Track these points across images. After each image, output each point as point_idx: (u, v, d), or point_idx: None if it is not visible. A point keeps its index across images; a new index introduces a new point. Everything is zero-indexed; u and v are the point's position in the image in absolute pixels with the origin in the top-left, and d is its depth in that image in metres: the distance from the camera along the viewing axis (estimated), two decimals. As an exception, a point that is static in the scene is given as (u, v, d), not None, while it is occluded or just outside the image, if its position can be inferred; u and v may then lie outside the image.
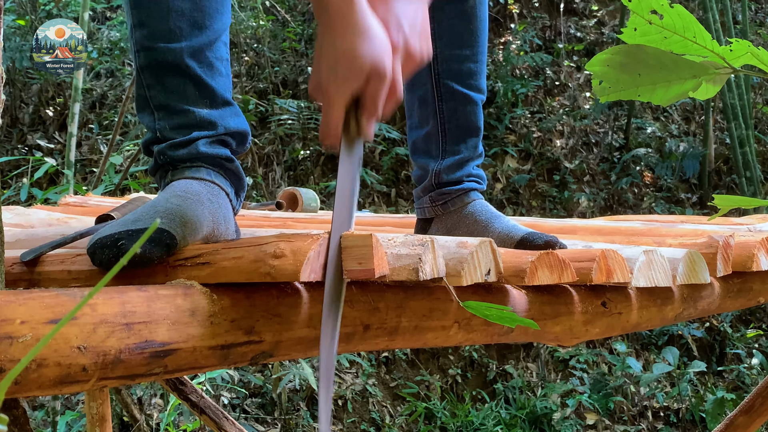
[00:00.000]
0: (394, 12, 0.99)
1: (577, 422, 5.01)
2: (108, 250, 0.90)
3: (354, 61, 0.94)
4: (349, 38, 0.94)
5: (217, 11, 1.16)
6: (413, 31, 1.01)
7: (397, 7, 1.00)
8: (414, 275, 0.88)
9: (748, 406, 2.25)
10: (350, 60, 0.94)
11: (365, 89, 0.96)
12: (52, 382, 0.67)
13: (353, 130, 0.98)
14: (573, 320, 1.21)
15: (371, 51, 0.94)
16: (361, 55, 0.94)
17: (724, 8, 6.05)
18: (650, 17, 0.82)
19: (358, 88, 0.95)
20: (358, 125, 0.98)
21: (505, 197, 6.50)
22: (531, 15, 7.77)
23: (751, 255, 1.42)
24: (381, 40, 0.96)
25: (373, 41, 0.95)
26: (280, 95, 6.72)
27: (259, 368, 4.87)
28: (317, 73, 0.96)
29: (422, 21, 1.03)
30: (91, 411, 2.43)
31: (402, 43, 0.99)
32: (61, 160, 4.81)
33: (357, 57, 0.94)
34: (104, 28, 6.98)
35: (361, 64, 0.94)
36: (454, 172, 1.47)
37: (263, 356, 0.85)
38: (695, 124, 7.18)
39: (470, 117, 1.48)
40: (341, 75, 0.94)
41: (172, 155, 1.12)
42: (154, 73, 1.14)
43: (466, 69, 1.46)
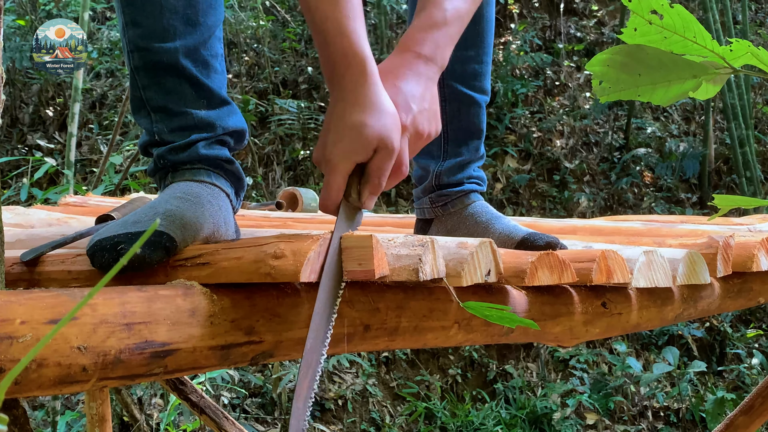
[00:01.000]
0: (402, 92, 1.02)
1: (577, 422, 5.01)
2: (107, 253, 0.90)
3: (363, 133, 0.95)
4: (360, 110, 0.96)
5: (210, 6, 1.16)
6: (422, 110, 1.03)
7: (405, 88, 1.02)
8: (414, 276, 0.88)
9: (748, 406, 2.24)
10: (358, 131, 0.95)
11: (371, 163, 0.97)
12: (52, 382, 0.67)
13: (354, 201, 0.99)
14: (573, 321, 1.21)
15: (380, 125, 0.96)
16: (371, 128, 0.95)
17: (724, 8, 6.05)
18: (650, 17, 0.82)
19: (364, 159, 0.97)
20: (359, 197, 0.98)
21: (505, 197, 6.50)
22: (531, 15, 7.77)
23: (751, 255, 1.42)
24: (391, 115, 0.98)
25: (383, 116, 0.96)
26: (280, 95, 6.72)
27: (259, 368, 4.87)
28: (323, 143, 0.98)
29: (431, 100, 1.06)
30: (91, 411, 2.43)
31: (410, 123, 1.01)
32: (61, 160, 4.81)
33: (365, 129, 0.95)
34: (104, 28, 6.98)
35: (369, 136, 0.95)
36: (455, 174, 1.46)
37: (263, 356, 0.85)
38: (695, 124, 7.18)
39: (473, 119, 1.47)
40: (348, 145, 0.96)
41: (172, 159, 1.12)
42: (150, 74, 1.14)
43: (470, 70, 1.45)
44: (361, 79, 0.96)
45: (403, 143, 1.00)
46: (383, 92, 0.98)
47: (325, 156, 0.97)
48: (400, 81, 1.03)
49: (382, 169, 0.97)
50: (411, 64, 1.06)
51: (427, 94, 1.05)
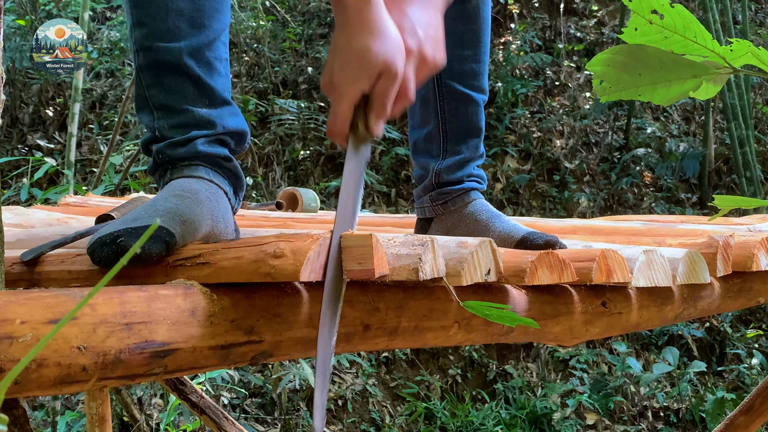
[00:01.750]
0: (409, 18, 1.01)
1: (577, 422, 5.01)
2: (107, 247, 0.90)
3: (366, 59, 0.95)
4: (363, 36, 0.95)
5: (217, 11, 1.17)
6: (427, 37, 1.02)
7: (412, 13, 1.02)
8: (414, 275, 0.88)
9: (748, 406, 2.24)
10: (363, 57, 0.95)
11: (375, 87, 0.97)
12: (52, 382, 0.67)
13: (361, 129, 0.99)
14: (573, 320, 1.21)
15: (384, 50, 0.95)
16: (374, 53, 0.95)
17: (724, 8, 6.05)
18: (651, 17, 0.82)
19: (369, 85, 0.96)
20: (366, 124, 0.98)
21: (505, 197, 6.50)
22: (531, 15, 7.77)
23: (751, 255, 1.42)
24: (395, 40, 0.97)
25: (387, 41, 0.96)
26: (280, 95, 6.72)
27: (259, 368, 4.87)
28: (330, 69, 0.98)
29: (436, 28, 1.05)
30: (91, 411, 2.43)
31: (416, 48, 1.00)
32: (61, 160, 4.81)
33: (370, 55, 0.95)
34: (104, 28, 6.99)
35: (373, 61, 0.95)
36: (455, 172, 1.47)
37: (263, 356, 0.85)
38: (695, 124, 7.18)
39: (472, 117, 1.48)
40: (353, 71, 0.95)
41: (170, 154, 1.13)
42: (153, 73, 1.14)
43: (468, 69, 1.46)
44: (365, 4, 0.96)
45: (408, 68, 0.99)
46: (387, 16, 0.98)
47: (333, 82, 0.97)
48: (407, 6, 1.02)
49: (387, 93, 0.97)
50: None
51: (433, 21, 1.04)
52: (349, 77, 0.96)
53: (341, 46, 0.97)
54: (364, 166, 0.99)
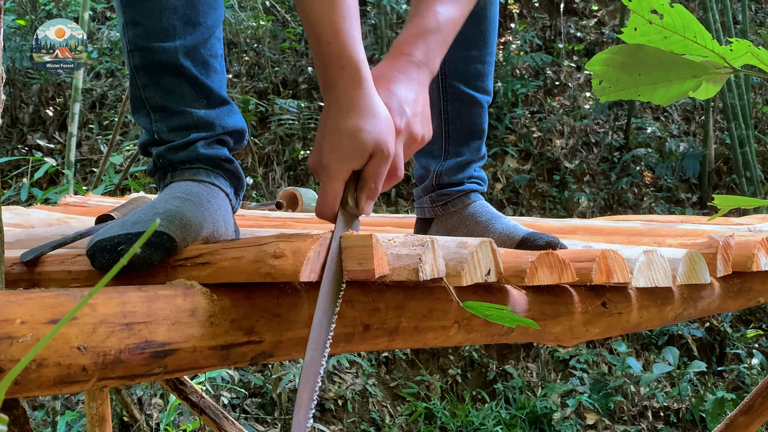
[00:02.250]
0: (396, 96, 1.02)
1: (577, 422, 5.00)
2: (107, 254, 0.90)
3: (358, 140, 0.95)
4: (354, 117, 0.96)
5: (210, 7, 1.16)
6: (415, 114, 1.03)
7: (398, 92, 1.03)
8: (414, 275, 0.88)
9: (748, 406, 2.24)
10: (354, 137, 0.95)
11: (367, 168, 0.97)
12: (52, 382, 0.67)
13: (351, 207, 0.99)
14: (573, 320, 1.21)
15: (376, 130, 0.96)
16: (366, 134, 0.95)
17: (724, 8, 6.05)
18: (650, 17, 0.82)
19: (360, 165, 0.97)
20: (356, 202, 0.99)
21: (505, 197, 6.50)
22: (531, 15, 7.77)
23: (751, 255, 1.42)
24: (385, 120, 0.98)
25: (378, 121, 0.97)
26: (280, 95, 6.72)
27: (259, 368, 4.87)
28: (319, 149, 0.98)
29: (423, 104, 1.06)
30: (91, 411, 2.43)
31: (404, 126, 1.01)
32: (61, 160, 4.81)
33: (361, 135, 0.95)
34: (104, 28, 6.98)
35: (365, 142, 0.95)
36: (456, 173, 1.46)
37: (263, 356, 0.85)
38: (695, 124, 7.18)
39: (475, 119, 1.47)
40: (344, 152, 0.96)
41: (171, 158, 1.12)
42: (150, 74, 1.14)
43: (473, 70, 1.45)
44: (356, 84, 0.97)
45: (397, 147, 1.00)
46: (377, 97, 0.99)
47: (322, 162, 0.97)
48: (393, 85, 1.03)
49: (378, 174, 0.97)
50: (404, 69, 1.06)
51: (419, 98, 1.05)
52: (340, 158, 0.96)
53: (331, 127, 0.97)
54: None
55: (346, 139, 0.95)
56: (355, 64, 0.97)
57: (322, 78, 0.99)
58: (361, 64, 0.98)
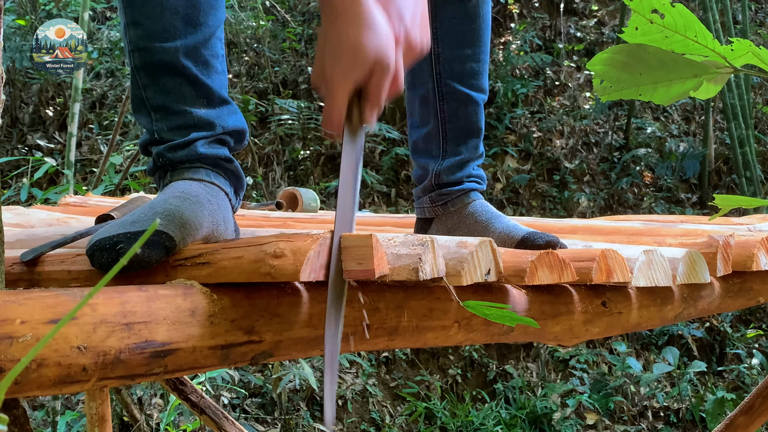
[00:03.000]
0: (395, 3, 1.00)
1: (577, 422, 5.00)
2: (107, 253, 0.90)
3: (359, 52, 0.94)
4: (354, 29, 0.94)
5: (212, 7, 1.16)
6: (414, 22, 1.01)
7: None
8: (414, 275, 0.88)
9: (748, 406, 2.24)
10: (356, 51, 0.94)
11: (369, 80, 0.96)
12: (52, 382, 0.67)
13: (356, 120, 0.99)
14: (573, 320, 1.21)
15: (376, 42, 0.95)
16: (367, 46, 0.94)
17: (724, 8, 6.05)
18: (651, 16, 0.82)
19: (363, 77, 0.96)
20: (360, 114, 0.98)
21: (505, 197, 6.50)
22: (531, 15, 7.77)
23: (751, 255, 1.41)
24: (386, 31, 0.96)
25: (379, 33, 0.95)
26: (280, 95, 6.72)
27: (259, 368, 4.87)
28: (321, 63, 0.97)
29: (422, 12, 1.04)
30: (91, 411, 2.43)
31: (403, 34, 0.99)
32: (61, 160, 4.81)
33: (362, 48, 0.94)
34: (104, 28, 6.98)
35: (366, 54, 0.94)
36: (455, 172, 1.46)
37: (263, 356, 0.85)
38: (695, 124, 7.18)
39: (471, 117, 1.48)
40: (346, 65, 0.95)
41: (171, 157, 1.12)
42: (150, 74, 1.14)
43: (468, 69, 1.46)
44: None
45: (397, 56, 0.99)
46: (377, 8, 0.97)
47: (325, 77, 0.96)
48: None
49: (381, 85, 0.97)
50: None
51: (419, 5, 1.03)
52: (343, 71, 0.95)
53: (331, 40, 0.96)
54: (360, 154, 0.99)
55: (347, 52, 0.95)
56: None
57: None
58: None
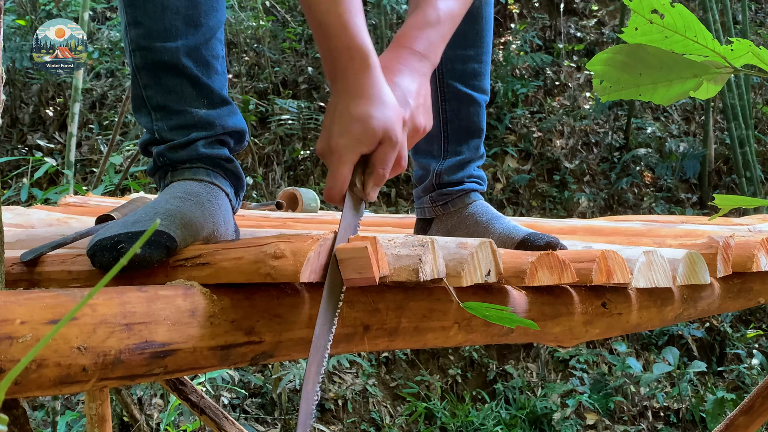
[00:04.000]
0: (399, 88, 1.04)
1: (577, 422, 5.00)
2: (108, 252, 0.90)
3: (368, 124, 0.96)
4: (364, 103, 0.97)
5: (212, 8, 1.16)
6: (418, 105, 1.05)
7: (402, 83, 1.04)
8: (414, 276, 0.88)
9: (748, 406, 2.24)
10: (364, 122, 0.96)
11: (375, 154, 0.98)
12: (52, 383, 0.67)
13: (358, 190, 1.00)
14: (573, 321, 1.21)
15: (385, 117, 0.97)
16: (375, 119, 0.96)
17: (724, 8, 6.05)
18: (651, 17, 0.82)
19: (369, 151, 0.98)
20: (363, 188, 1.00)
21: (505, 197, 6.50)
22: (531, 15, 7.77)
23: (751, 255, 1.41)
24: (394, 107, 0.99)
25: (387, 108, 0.98)
26: (280, 95, 6.72)
27: (259, 368, 4.87)
28: (328, 134, 0.98)
29: (425, 95, 1.08)
30: (91, 411, 2.43)
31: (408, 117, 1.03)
32: (61, 160, 4.81)
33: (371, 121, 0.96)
34: (104, 28, 6.98)
35: (375, 128, 0.96)
36: (456, 172, 1.46)
37: (263, 356, 0.85)
38: (695, 124, 7.18)
39: (473, 118, 1.48)
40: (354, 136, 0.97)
41: (171, 157, 1.12)
42: (151, 73, 1.14)
43: (470, 69, 1.46)
44: (365, 72, 0.98)
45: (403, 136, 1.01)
46: (385, 84, 1.00)
47: (331, 147, 0.98)
48: (397, 76, 1.05)
49: (386, 160, 0.99)
50: (406, 60, 1.08)
51: (422, 90, 1.07)
52: (350, 143, 0.97)
53: (341, 113, 0.98)
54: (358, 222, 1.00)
55: (356, 124, 0.97)
56: (364, 53, 0.98)
57: (330, 69, 1.00)
58: (370, 52, 0.99)
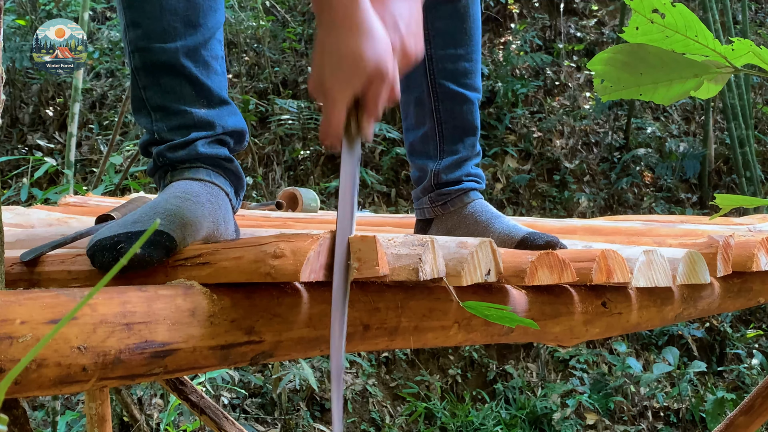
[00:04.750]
0: (390, 11, 1.00)
1: (577, 422, 5.00)
2: (108, 252, 0.90)
3: (359, 62, 0.94)
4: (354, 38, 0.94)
5: (211, 8, 1.16)
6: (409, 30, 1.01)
7: (393, 7, 1.00)
8: (414, 275, 0.88)
9: (748, 406, 2.24)
10: (355, 60, 0.94)
11: (367, 89, 0.96)
12: (52, 382, 0.67)
13: (353, 130, 0.98)
14: (573, 320, 1.21)
15: (375, 52, 0.95)
16: (366, 56, 0.94)
17: (724, 8, 6.05)
18: (652, 16, 0.82)
19: (362, 87, 0.96)
20: (358, 125, 0.98)
21: (505, 197, 6.50)
22: (531, 15, 7.77)
23: (751, 255, 1.41)
24: (384, 41, 0.96)
25: (377, 42, 0.95)
26: (280, 95, 6.72)
27: (259, 368, 4.87)
28: (318, 72, 0.96)
29: (417, 21, 1.04)
30: (91, 411, 2.43)
31: (398, 43, 0.99)
32: (61, 160, 4.81)
33: (362, 57, 0.94)
34: (104, 28, 6.98)
35: (365, 64, 0.94)
36: (453, 171, 1.46)
37: (263, 356, 0.85)
38: (695, 124, 7.18)
39: (467, 116, 1.48)
40: (345, 75, 0.94)
41: (171, 157, 1.12)
42: (150, 74, 1.14)
43: (461, 68, 1.46)
44: (353, 3, 0.94)
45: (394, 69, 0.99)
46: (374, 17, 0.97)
47: (324, 87, 0.96)
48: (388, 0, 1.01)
49: (379, 95, 0.97)
50: None
51: (414, 14, 1.03)
52: (342, 80, 0.95)
53: (330, 49, 0.95)
54: (358, 163, 0.99)
55: (347, 62, 0.94)
56: None
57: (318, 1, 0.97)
58: None
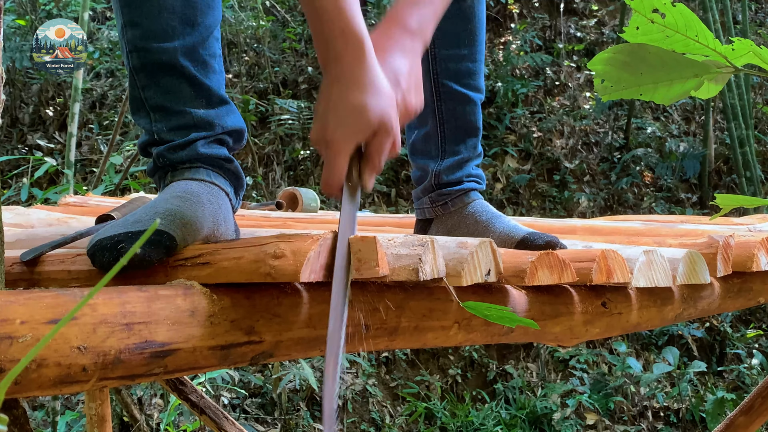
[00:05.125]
0: (391, 67, 1.02)
1: (577, 422, 5.00)
2: (108, 252, 0.90)
3: (364, 115, 0.95)
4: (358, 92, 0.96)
5: (209, 6, 1.16)
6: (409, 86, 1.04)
7: (393, 63, 1.03)
8: (414, 275, 0.88)
9: (748, 406, 2.24)
10: (360, 113, 0.95)
11: (371, 143, 0.97)
12: (52, 382, 0.67)
13: (354, 179, 0.99)
14: (573, 320, 1.21)
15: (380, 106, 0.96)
16: (371, 110, 0.95)
17: (724, 8, 6.05)
18: (652, 16, 0.82)
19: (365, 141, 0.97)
20: (360, 176, 0.99)
21: (505, 197, 6.50)
22: (531, 15, 7.77)
23: (751, 255, 1.41)
24: (389, 95, 0.98)
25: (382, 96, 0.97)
26: (280, 95, 6.72)
27: (259, 368, 4.87)
28: (323, 123, 0.97)
29: (417, 75, 1.06)
30: (91, 411, 2.43)
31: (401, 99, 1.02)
32: (61, 160, 4.81)
33: (367, 111, 0.95)
34: (104, 28, 6.98)
35: (370, 118, 0.96)
36: (454, 172, 1.46)
37: (263, 356, 0.85)
38: (695, 124, 7.18)
39: (469, 117, 1.48)
40: (350, 127, 0.96)
41: (171, 157, 1.12)
42: (149, 74, 1.14)
43: (464, 68, 1.46)
44: (360, 59, 0.96)
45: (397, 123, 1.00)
46: (380, 72, 0.98)
47: (327, 138, 0.97)
48: (388, 56, 1.03)
49: (382, 149, 0.98)
50: (398, 39, 1.06)
51: (413, 69, 1.05)
52: (347, 133, 0.96)
53: (335, 101, 0.96)
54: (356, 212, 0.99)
55: (351, 115, 0.96)
56: (359, 38, 0.97)
57: (323, 53, 0.98)
58: (365, 37, 0.97)
